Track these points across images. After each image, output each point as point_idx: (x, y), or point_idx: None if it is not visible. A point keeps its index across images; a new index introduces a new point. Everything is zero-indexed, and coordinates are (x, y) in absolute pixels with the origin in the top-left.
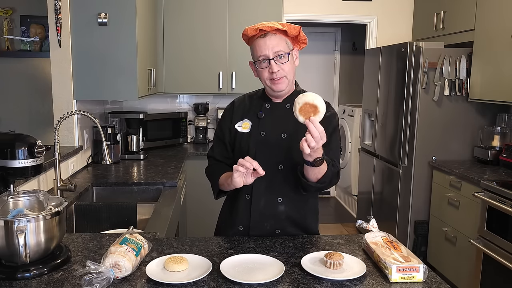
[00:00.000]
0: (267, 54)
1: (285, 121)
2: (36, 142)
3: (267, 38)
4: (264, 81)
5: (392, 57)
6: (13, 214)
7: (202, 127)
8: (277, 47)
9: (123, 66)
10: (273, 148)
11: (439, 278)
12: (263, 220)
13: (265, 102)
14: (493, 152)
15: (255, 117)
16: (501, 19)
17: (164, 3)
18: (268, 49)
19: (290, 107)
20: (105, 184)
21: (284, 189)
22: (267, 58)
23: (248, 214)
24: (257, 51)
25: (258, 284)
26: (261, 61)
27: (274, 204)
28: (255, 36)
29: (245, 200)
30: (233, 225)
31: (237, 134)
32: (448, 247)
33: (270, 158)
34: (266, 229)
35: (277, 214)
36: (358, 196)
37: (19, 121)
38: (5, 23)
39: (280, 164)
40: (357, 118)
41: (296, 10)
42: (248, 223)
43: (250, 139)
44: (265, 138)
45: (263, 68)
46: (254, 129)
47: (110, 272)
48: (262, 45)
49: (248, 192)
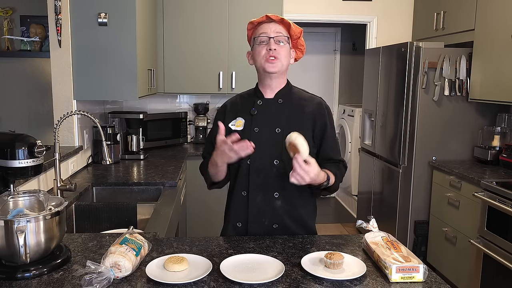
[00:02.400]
0: (268, 32)
1: (278, 116)
2: (36, 142)
3: (271, 24)
4: (259, 62)
5: (392, 57)
6: (13, 214)
7: (202, 127)
8: (279, 30)
9: (123, 66)
10: (268, 143)
11: (439, 278)
12: (260, 216)
13: (257, 98)
14: (493, 152)
15: (248, 114)
16: (501, 19)
17: (164, 3)
18: (270, 30)
19: (282, 102)
20: (105, 184)
21: (280, 184)
22: (267, 36)
23: (245, 210)
24: (259, 30)
25: (258, 284)
26: (261, 38)
27: (271, 199)
28: (262, 22)
29: (242, 197)
30: (233, 221)
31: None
32: (448, 247)
33: (265, 154)
34: (264, 224)
35: (274, 209)
36: (358, 196)
37: (19, 121)
38: (5, 23)
39: (275, 159)
40: (357, 118)
41: (296, 10)
42: (246, 219)
43: (244, 136)
44: (259, 134)
45: (261, 46)
46: (247, 126)
47: (110, 272)
48: (266, 26)
49: (244, 189)
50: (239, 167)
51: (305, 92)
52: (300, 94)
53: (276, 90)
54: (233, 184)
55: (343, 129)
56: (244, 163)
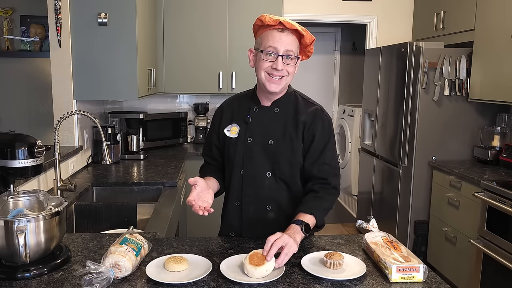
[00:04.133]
0: (278, 48)
1: (272, 126)
2: (36, 142)
3: (283, 34)
4: (260, 73)
5: (392, 57)
6: (13, 214)
7: (202, 127)
8: (290, 46)
9: (123, 66)
10: (260, 155)
11: (439, 278)
12: (253, 227)
13: (253, 105)
14: (493, 152)
15: (243, 121)
16: (501, 19)
17: (164, 3)
18: (281, 44)
19: (279, 111)
20: (105, 184)
21: (272, 197)
22: (276, 52)
23: (239, 221)
24: (269, 40)
25: (258, 284)
26: (268, 52)
27: (263, 211)
28: (272, 27)
29: (235, 207)
30: (227, 230)
31: (226, 139)
32: (448, 247)
33: (258, 165)
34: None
35: (267, 222)
36: (358, 196)
37: (19, 121)
38: (5, 23)
39: (267, 171)
40: (357, 118)
41: (296, 10)
42: (240, 229)
43: (237, 145)
44: (252, 145)
45: (267, 60)
46: (241, 134)
47: (110, 272)
48: (277, 38)
49: (238, 199)
50: (232, 176)
51: (305, 99)
52: (298, 101)
53: (274, 99)
54: (227, 193)
55: (343, 129)
56: (238, 173)
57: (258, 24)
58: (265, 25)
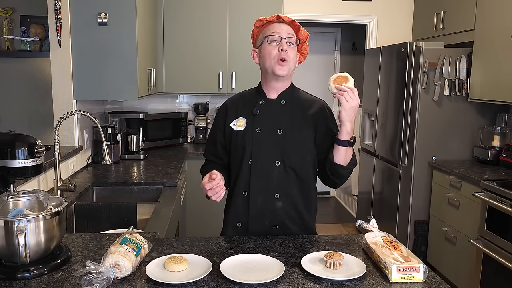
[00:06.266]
0: (280, 32)
1: (280, 117)
2: (36, 142)
3: (282, 24)
4: (269, 62)
5: (392, 57)
6: (13, 214)
7: (202, 127)
8: (290, 32)
9: (123, 66)
10: (269, 144)
11: (439, 278)
12: (261, 217)
13: (260, 98)
14: (493, 152)
15: (250, 114)
16: (501, 19)
17: (164, 3)
18: (282, 30)
19: (285, 103)
20: (105, 184)
21: (281, 185)
22: (279, 36)
23: (246, 211)
24: (271, 29)
25: (258, 284)
26: (273, 37)
27: (271, 200)
28: (272, 22)
29: (243, 197)
30: (232, 221)
31: (233, 133)
32: (448, 247)
33: (267, 155)
34: (264, 225)
35: (275, 211)
36: (358, 196)
37: (19, 121)
38: (5, 23)
39: (276, 160)
40: (357, 118)
41: (296, 10)
42: (247, 219)
43: (246, 136)
44: (261, 135)
45: (272, 45)
46: (249, 126)
47: (110, 272)
48: (277, 26)
49: (245, 189)
50: (240, 167)
51: (308, 94)
52: (303, 96)
53: (280, 91)
54: (234, 184)
55: None
56: (246, 163)
57: (257, 26)
58: (264, 22)
